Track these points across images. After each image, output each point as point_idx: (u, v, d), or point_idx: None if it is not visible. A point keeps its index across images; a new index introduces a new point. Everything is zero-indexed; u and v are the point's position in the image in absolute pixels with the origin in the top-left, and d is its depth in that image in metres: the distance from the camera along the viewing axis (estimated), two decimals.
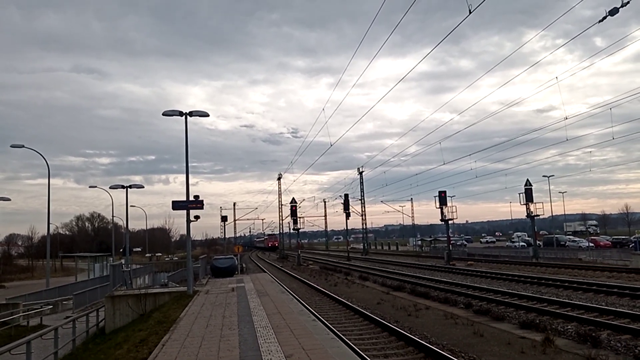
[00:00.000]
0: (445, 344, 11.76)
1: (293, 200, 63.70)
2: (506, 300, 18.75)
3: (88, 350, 14.86)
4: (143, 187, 42.67)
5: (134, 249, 77.19)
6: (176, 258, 64.78)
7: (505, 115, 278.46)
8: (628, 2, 13.44)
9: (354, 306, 18.49)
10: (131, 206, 73.33)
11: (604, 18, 14.10)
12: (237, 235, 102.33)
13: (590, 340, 11.18)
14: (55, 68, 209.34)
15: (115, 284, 22.83)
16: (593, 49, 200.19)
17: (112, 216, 64.22)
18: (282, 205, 78.81)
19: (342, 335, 12.53)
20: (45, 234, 40.95)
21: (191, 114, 21.37)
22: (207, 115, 21.88)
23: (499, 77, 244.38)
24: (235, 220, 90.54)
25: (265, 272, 41.35)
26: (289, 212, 64.94)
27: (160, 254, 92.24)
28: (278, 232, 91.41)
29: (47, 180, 36.17)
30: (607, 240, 59.22)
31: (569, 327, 13.14)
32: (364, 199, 70.73)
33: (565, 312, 15.14)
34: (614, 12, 14.02)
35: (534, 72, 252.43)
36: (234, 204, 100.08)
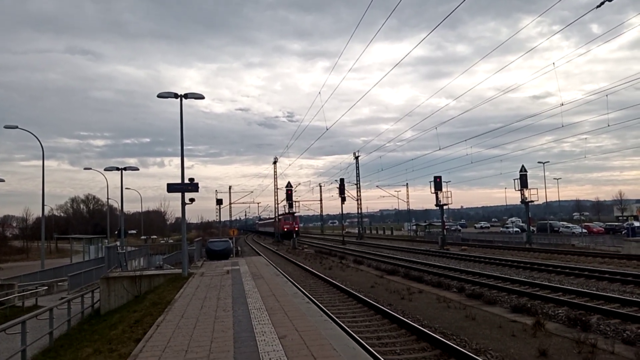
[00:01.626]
0: (437, 327, 11.91)
1: (289, 184, 63.81)
2: (498, 284, 18.94)
3: (83, 330, 14.95)
4: (138, 169, 42.54)
5: (130, 232, 77.16)
6: (171, 241, 64.86)
7: (501, 101, 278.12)
8: None
9: (347, 289, 18.64)
10: (126, 188, 73.04)
11: (601, 4, 13.97)
12: (233, 218, 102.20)
13: (580, 324, 11.35)
14: (49, 49, 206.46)
15: (110, 266, 22.86)
16: (589, 36, 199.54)
17: (107, 198, 64.00)
18: (277, 189, 78.77)
19: (336, 317, 12.66)
20: (40, 216, 40.94)
21: (186, 96, 21.21)
22: (202, 97, 21.72)
23: (495, 62, 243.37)
24: (230, 203, 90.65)
25: (260, 255, 41.52)
26: (284, 196, 65.00)
27: (155, 237, 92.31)
28: (294, 212, 69.70)
29: (41, 161, 36.23)
30: (600, 227, 59.85)
31: (560, 311, 13.31)
32: (359, 184, 70.93)
33: (557, 297, 15.32)
34: None
35: (530, 59, 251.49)
36: (230, 188, 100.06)
